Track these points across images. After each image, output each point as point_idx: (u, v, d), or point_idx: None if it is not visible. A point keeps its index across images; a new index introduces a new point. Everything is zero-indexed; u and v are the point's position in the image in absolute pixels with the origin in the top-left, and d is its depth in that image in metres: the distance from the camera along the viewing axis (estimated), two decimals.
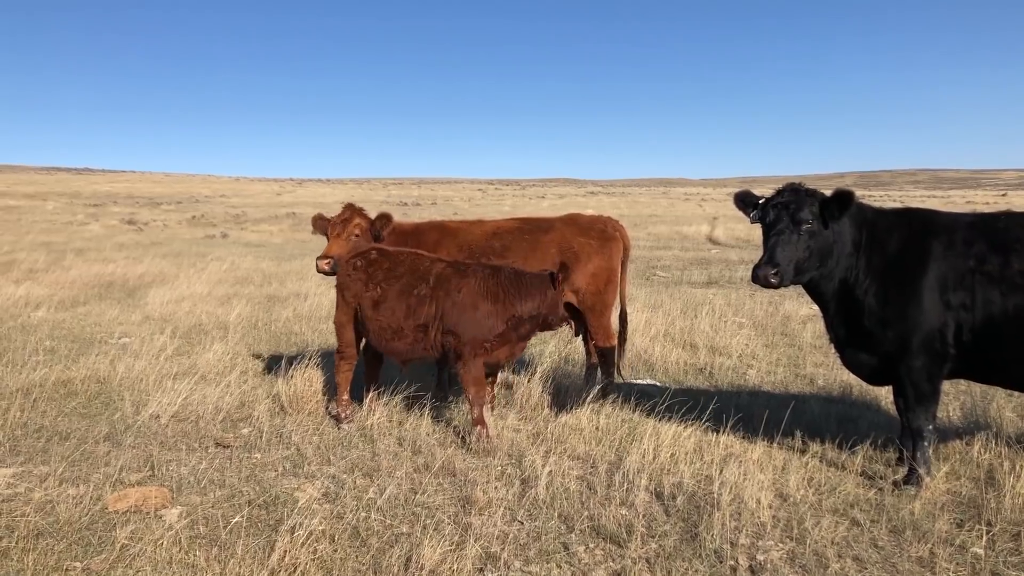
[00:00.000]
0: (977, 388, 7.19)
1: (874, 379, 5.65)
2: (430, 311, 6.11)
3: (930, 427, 5.24)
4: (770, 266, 5.13)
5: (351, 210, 7.26)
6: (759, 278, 5.16)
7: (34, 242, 23.60)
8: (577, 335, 7.70)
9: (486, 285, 6.08)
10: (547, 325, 6.28)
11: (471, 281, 6.10)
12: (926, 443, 5.24)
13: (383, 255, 6.54)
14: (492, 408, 6.55)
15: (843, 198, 5.17)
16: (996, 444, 5.73)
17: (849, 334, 5.48)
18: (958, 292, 5.02)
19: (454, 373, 6.41)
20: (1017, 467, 5.17)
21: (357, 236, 7.08)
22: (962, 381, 6.53)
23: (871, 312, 5.27)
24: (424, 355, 6.38)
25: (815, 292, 5.52)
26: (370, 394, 6.84)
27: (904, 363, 5.18)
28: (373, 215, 7.35)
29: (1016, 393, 6.90)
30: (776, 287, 5.22)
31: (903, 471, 5.32)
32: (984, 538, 4.41)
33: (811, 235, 5.20)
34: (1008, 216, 5.25)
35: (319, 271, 6.92)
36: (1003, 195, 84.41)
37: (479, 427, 6.01)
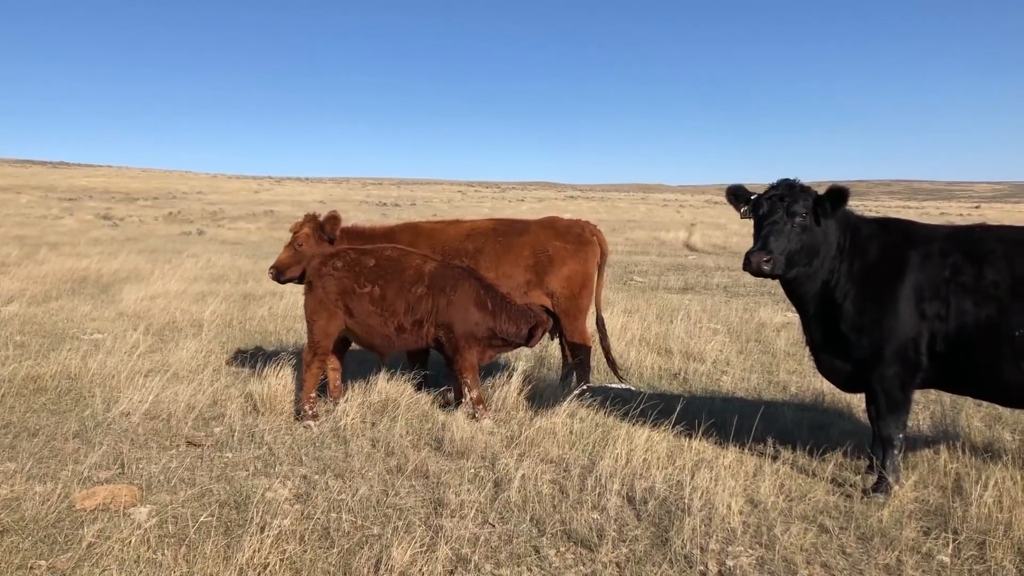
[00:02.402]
0: (946, 398, 7.27)
1: (848, 386, 5.69)
2: (427, 307, 6.57)
3: (900, 435, 5.30)
4: (764, 252, 5.09)
5: (304, 219, 7.56)
6: (751, 264, 5.10)
7: (7, 236, 23.34)
8: (553, 338, 7.71)
9: (478, 292, 6.64)
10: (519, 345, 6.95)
11: (466, 283, 6.66)
12: (896, 451, 5.29)
13: (364, 253, 6.73)
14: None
15: (837, 194, 5.17)
16: (964, 454, 5.79)
17: (825, 338, 5.51)
18: (933, 302, 5.07)
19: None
20: (984, 476, 5.22)
21: (300, 246, 7.34)
22: (931, 391, 6.59)
23: (848, 317, 5.30)
24: (415, 347, 6.93)
25: (796, 292, 5.51)
26: (343, 394, 6.84)
27: (877, 371, 5.22)
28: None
29: (985, 403, 6.99)
30: (768, 275, 5.17)
31: (873, 479, 5.37)
32: (950, 546, 4.46)
33: (803, 229, 5.19)
34: (983, 228, 5.31)
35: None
36: (976, 207, 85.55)
37: (479, 405, 6.63)
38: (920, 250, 5.17)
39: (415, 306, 6.60)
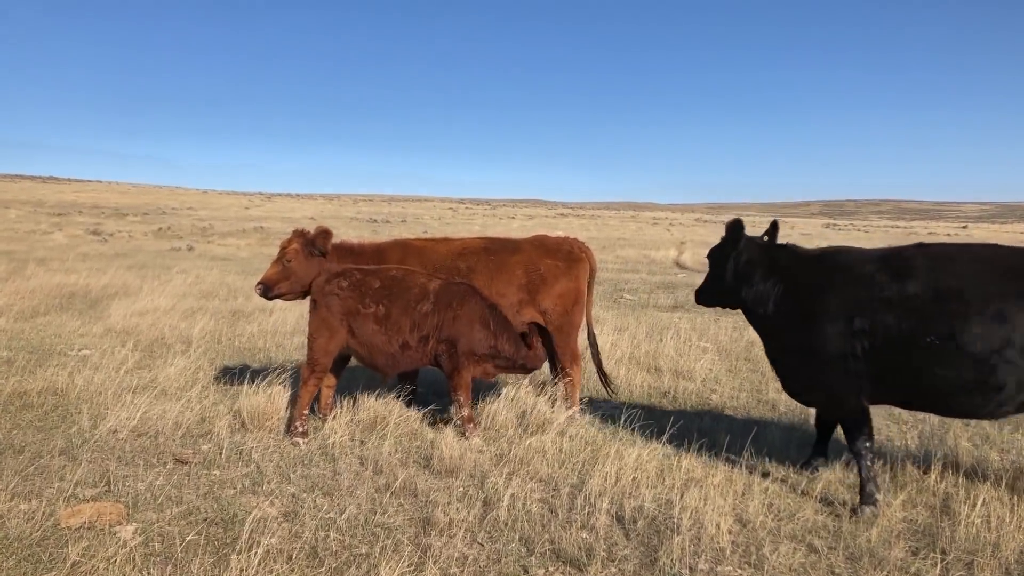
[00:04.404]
0: (934, 418, 7.29)
1: (810, 403, 6.00)
2: (433, 322, 6.63)
3: (867, 444, 5.42)
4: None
5: (293, 235, 7.45)
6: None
7: None
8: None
9: (483, 309, 6.71)
10: (523, 368, 6.98)
11: (472, 300, 6.72)
12: (867, 461, 5.40)
13: (369, 274, 6.77)
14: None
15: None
16: (952, 473, 5.82)
17: (774, 362, 5.97)
18: (860, 319, 5.23)
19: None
20: (972, 496, 5.25)
21: (289, 262, 7.25)
22: (918, 412, 6.62)
23: (785, 341, 5.71)
24: (418, 365, 6.96)
25: (750, 319, 6.08)
26: (333, 411, 6.82)
27: (823, 389, 5.49)
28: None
29: (971, 422, 7.03)
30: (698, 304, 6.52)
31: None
32: (938, 566, 4.47)
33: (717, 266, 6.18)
34: (918, 246, 5.44)
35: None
36: (963, 227, 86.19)
37: (470, 424, 6.65)
38: (846, 272, 5.43)
39: (420, 323, 6.61)
